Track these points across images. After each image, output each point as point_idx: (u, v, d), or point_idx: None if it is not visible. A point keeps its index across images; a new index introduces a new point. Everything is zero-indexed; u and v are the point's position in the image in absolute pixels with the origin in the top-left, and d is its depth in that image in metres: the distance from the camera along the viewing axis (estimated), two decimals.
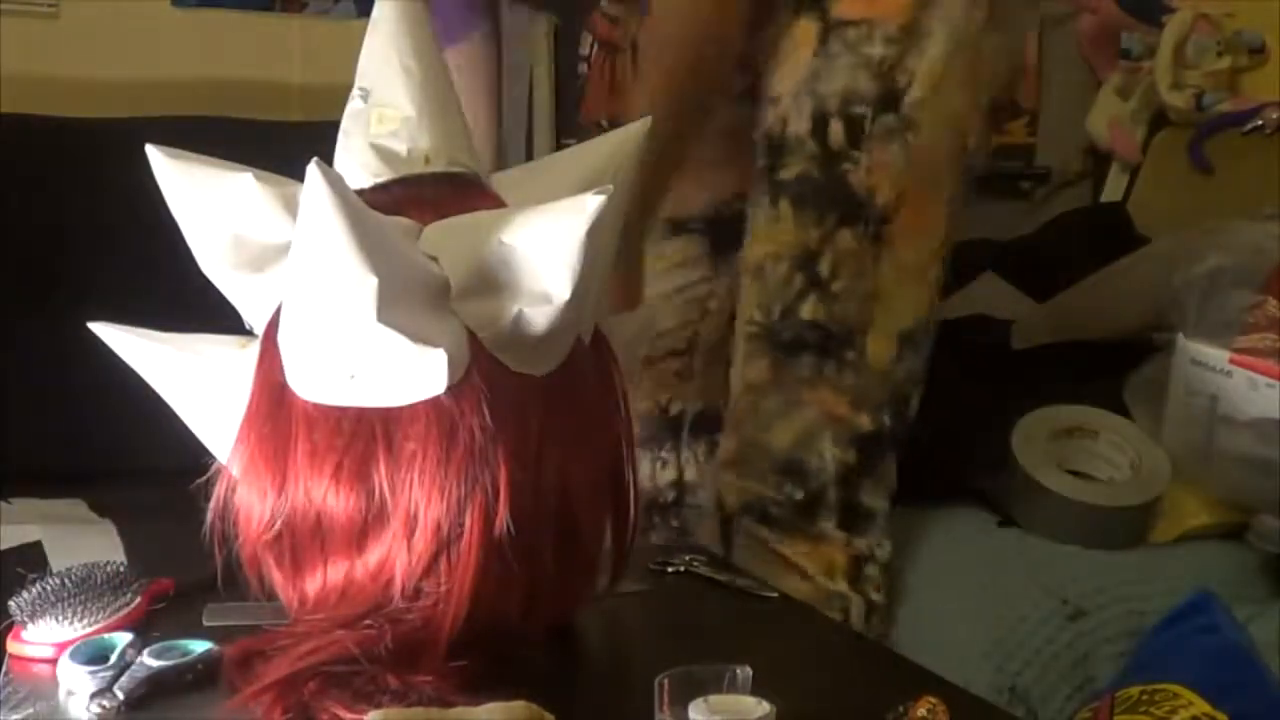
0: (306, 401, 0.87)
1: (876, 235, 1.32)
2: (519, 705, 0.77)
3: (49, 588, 0.92)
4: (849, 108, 1.31)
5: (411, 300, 0.84)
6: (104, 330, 0.97)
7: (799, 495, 1.34)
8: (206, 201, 0.93)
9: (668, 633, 1.05)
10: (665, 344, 1.56)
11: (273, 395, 0.89)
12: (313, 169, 0.79)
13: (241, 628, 0.93)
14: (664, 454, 1.55)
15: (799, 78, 1.32)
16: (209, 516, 0.90)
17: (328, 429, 0.86)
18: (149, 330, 0.97)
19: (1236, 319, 1.56)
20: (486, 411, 0.85)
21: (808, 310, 1.33)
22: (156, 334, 0.97)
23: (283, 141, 1.64)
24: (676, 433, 1.56)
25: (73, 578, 0.94)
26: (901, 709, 0.83)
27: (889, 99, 1.31)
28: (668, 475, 1.54)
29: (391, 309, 0.81)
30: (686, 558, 1.20)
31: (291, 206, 0.89)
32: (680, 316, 1.58)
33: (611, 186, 0.87)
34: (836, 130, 1.31)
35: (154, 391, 0.97)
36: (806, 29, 1.33)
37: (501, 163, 1.75)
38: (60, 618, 0.91)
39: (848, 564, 1.38)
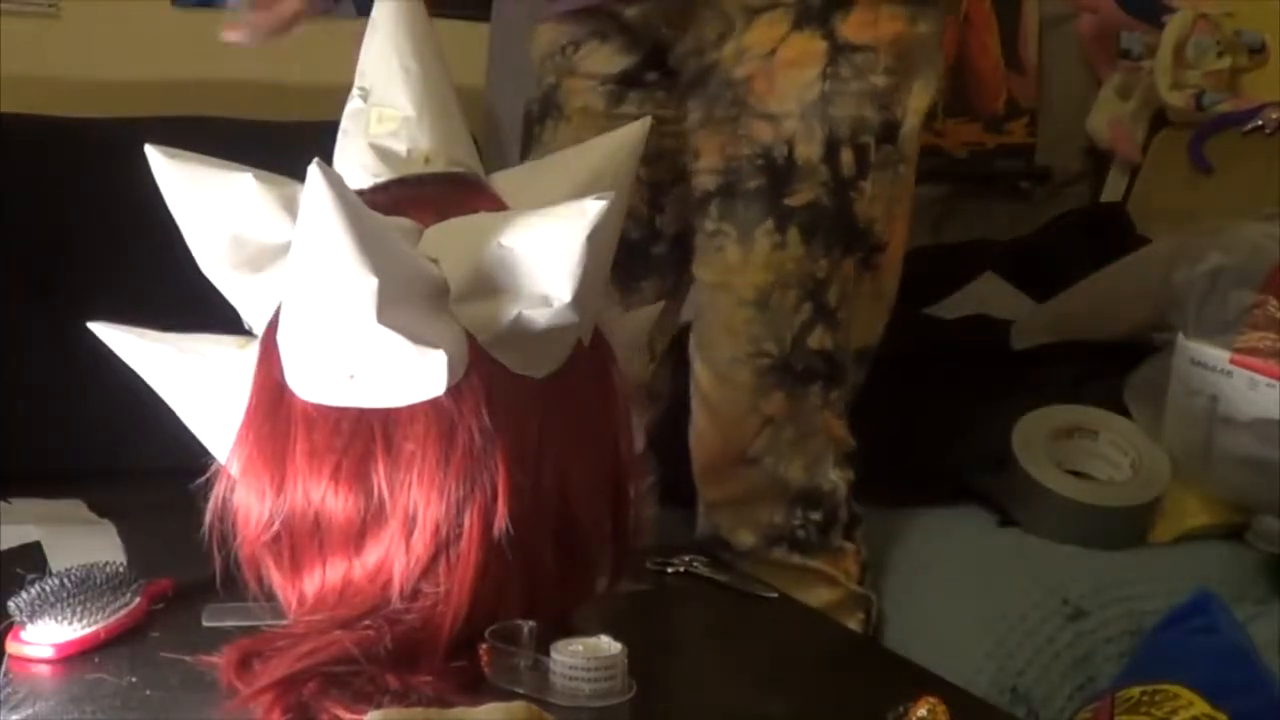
0: (306, 402, 0.87)
1: (867, 263, 1.32)
2: (518, 705, 0.77)
3: (49, 588, 0.92)
4: (858, 136, 1.29)
5: (411, 301, 0.84)
6: (104, 330, 0.97)
7: (817, 517, 1.35)
8: (206, 201, 0.93)
9: (668, 633, 1.05)
10: None
11: (272, 395, 0.89)
12: (313, 169, 0.79)
13: (241, 628, 0.93)
14: None
15: (808, 99, 1.28)
16: (208, 516, 0.90)
17: (327, 429, 0.86)
18: (149, 330, 0.97)
19: (1236, 319, 1.56)
20: (486, 413, 0.85)
21: (816, 340, 1.31)
22: (156, 334, 0.97)
23: (283, 141, 1.64)
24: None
25: (72, 578, 0.94)
26: (901, 709, 0.83)
27: (889, 130, 1.30)
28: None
29: (391, 310, 0.81)
30: (686, 558, 1.21)
31: (291, 206, 0.89)
32: None
33: (613, 192, 0.87)
34: (848, 158, 1.29)
35: (154, 391, 0.97)
36: (810, 45, 1.28)
37: (501, 161, 1.75)
38: (60, 618, 0.91)
39: (859, 569, 1.40)
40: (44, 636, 0.90)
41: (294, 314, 0.87)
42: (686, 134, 1.36)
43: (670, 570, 1.18)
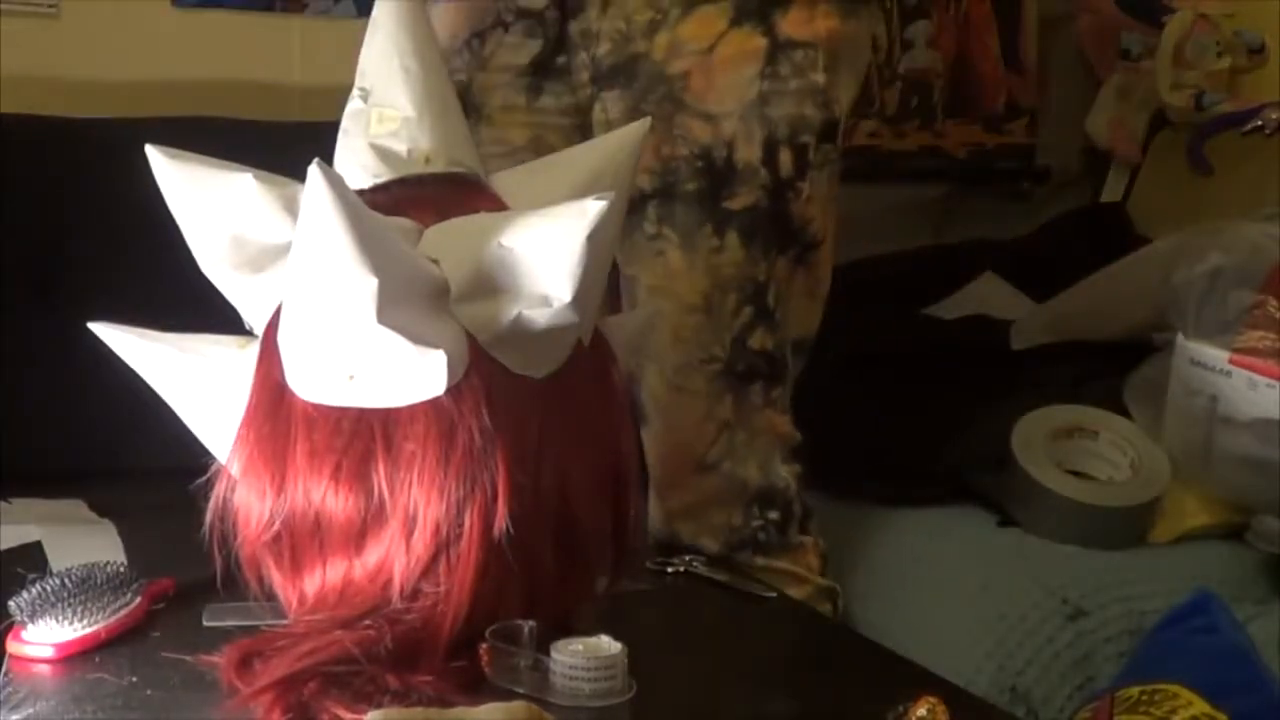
0: (306, 402, 0.87)
1: (800, 260, 1.31)
2: (518, 705, 0.77)
3: (49, 588, 0.92)
4: (798, 136, 1.27)
5: (411, 301, 0.84)
6: (104, 330, 0.97)
7: (775, 516, 1.34)
8: (206, 201, 0.93)
9: (668, 633, 1.05)
10: None
11: (272, 395, 0.89)
12: (313, 170, 0.79)
13: (241, 628, 0.93)
14: None
15: (747, 99, 1.25)
16: (208, 516, 0.90)
17: (327, 429, 0.86)
18: (149, 330, 0.97)
19: (1236, 319, 1.56)
20: (486, 413, 0.85)
21: (756, 340, 1.30)
22: (156, 334, 0.97)
23: (283, 141, 1.64)
24: None
25: (73, 578, 0.94)
26: (901, 709, 0.83)
27: (828, 128, 1.29)
28: None
29: (392, 310, 0.81)
30: (686, 558, 1.21)
31: (291, 207, 0.89)
32: None
33: (613, 192, 0.87)
34: (786, 159, 1.27)
35: (154, 391, 0.97)
36: (749, 42, 1.25)
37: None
38: (60, 618, 0.91)
39: (820, 561, 1.39)
40: (44, 636, 0.90)
41: (294, 314, 0.87)
42: (600, 125, 1.30)
43: (670, 570, 1.18)
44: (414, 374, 0.84)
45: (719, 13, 1.26)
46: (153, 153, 0.94)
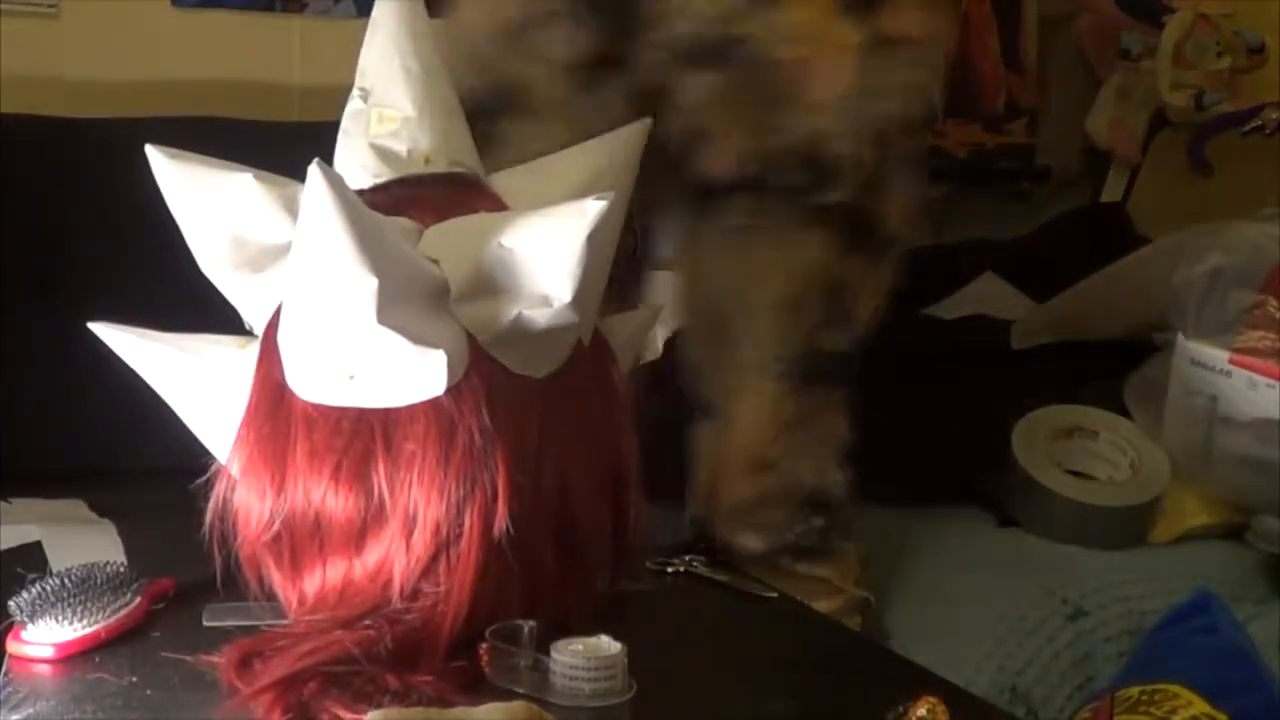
0: (306, 402, 0.87)
1: (875, 259, 1.29)
2: (518, 705, 0.77)
3: (49, 588, 0.92)
4: (889, 133, 1.25)
5: (411, 301, 0.84)
6: (104, 330, 0.97)
7: (820, 522, 1.33)
8: (206, 201, 0.93)
9: (668, 633, 1.05)
10: None
11: (272, 395, 0.89)
12: (314, 170, 0.79)
13: (241, 628, 0.93)
14: None
15: (848, 93, 1.22)
16: (208, 516, 0.90)
17: (327, 429, 0.86)
18: (149, 330, 0.97)
19: (1236, 319, 1.56)
20: (486, 413, 0.85)
21: (830, 341, 1.29)
22: (156, 334, 0.97)
23: (283, 141, 1.64)
24: None
25: (73, 578, 0.93)
26: (901, 709, 0.83)
27: (918, 125, 1.28)
28: None
29: (392, 310, 0.81)
30: (686, 558, 1.20)
31: (291, 207, 0.89)
32: None
33: (613, 192, 0.87)
34: (879, 156, 1.25)
35: (154, 391, 0.97)
36: (853, 35, 1.22)
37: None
38: (60, 618, 0.91)
39: (860, 568, 1.38)
40: (44, 636, 0.90)
41: (294, 314, 0.87)
42: (676, 110, 1.24)
43: (670, 570, 1.18)
44: (414, 374, 0.84)
45: (824, 2, 1.23)
46: (153, 153, 0.94)
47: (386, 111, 0.97)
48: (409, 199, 0.94)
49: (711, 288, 1.30)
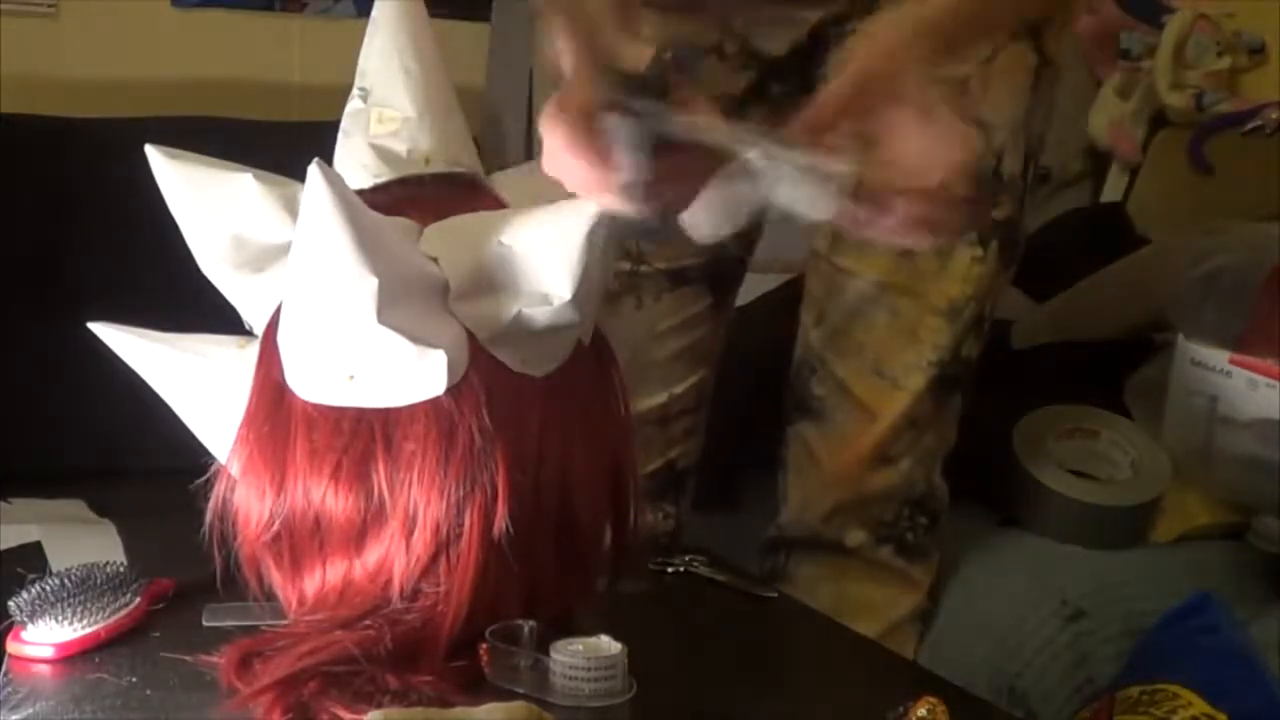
0: (306, 402, 0.87)
1: (1010, 273, 1.36)
2: (518, 705, 0.77)
3: (49, 588, 0.92)
4: (1039, 151, 1.32)
5: (411, 301, 0.84)
6: (104, 330, 0.96)
7: (925, 521, 1.38)
8: (206, 201, 0.93)
9: (668, 633, 1.05)
10: (679, 404, 1.43)
11: (272, 395, 0.89)
12: (313, 170, 0.79)
13: (241, 628, 0.93)
14: (667, 507, 1.46)
15: (1018, 112, 1.28)
16: (208, 516, 0.90)
17: (327, 429, 0.86)
18: (149, 330, 0.97)
19: (1237, 319, 1.56)
20: (486, 412, 0.85)
21: (968, 348, 1.34)
22: (156, 334, 0.96)
23: (283, 141, 1.64)
24: (680, 487, 1.47)
25: (73, 578, 0.93)
26: (901, 709, 0.83)
27: (1045, 145, 1.34)
28: (666, 526, 1.48)
29: (391, 310, 0.81)
30: (686, 558, 1.20)
31: (291, 207, 0.89)
32: (690, 374, 1.44)
33: None
34: (1031, 172, 1.32)
35: (154, 391, 0.97)
36: (1025, 57, 1.28)
37: (501, 161, 1.74)
38: (60, 618, 0.91)
39: (931, 579, 1.44)
40: (44, 636, 0.90)
41: (294, 314, 0.87)
42: None
43: (670, 570, 1.18)
44: (414, 374, 0.84)
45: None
46: (153, 153, 0.94)
47: (386, 111, 0.97)
48: (409, 199, 0.94)
49: (834, 285, 1.35)
